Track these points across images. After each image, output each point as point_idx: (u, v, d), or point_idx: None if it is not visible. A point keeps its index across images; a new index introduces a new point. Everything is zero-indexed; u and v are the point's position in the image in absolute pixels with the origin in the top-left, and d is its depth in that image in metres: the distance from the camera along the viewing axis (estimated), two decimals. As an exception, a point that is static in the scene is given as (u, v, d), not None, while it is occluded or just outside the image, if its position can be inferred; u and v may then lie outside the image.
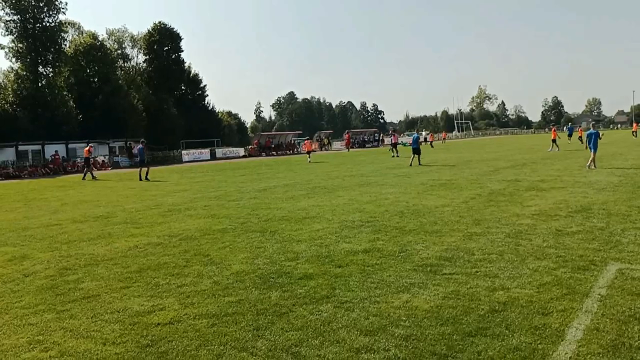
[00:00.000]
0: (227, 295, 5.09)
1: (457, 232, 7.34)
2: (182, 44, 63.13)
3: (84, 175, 25.97)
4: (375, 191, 13.27)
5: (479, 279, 5.05)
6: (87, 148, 27.39)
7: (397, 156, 32.38)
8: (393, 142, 37.07)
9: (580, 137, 44.36)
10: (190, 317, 4.55)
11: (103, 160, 40.73)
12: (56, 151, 38.18)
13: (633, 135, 47.72)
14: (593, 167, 16.76)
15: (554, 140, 31.02)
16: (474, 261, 5.74)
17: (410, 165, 22.70)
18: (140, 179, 22.37)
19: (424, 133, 70.11)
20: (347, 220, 8.97)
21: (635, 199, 9.66)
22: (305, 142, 39.57)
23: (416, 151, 23.82)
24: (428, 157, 29.69)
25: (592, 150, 17.31)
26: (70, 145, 41.04)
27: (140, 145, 24.40)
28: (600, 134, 19.09)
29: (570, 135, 42.70)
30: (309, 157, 33.99)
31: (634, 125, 53.19)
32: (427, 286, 4.94)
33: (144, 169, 23.14)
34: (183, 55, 63.49)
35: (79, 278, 6.13)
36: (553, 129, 34.16)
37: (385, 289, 4.95)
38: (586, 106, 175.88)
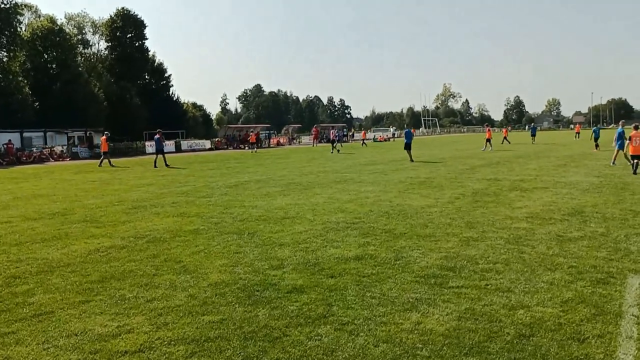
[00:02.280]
0: (207, 313, 4.39)
1: (452, 237, 6.84)
2: (147, 31, 60.90)
3: (100, 163, 27.23)
4: (353, 189, 12.71)
5: (492, 294, 4.53)
6: (103, 137, 27.92)
7: (338, 151, 33.33)
8: (331, 138, 37.09)
9: (578, 133, 45.82)
10: (164, 343, 3.83)
11: (61, 151, 38.67)
12: (9, 140, 35.95)
13: (576, 136, 48.09)
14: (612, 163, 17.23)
15: (488, 140, 31.51)
16: (480, 272, 5.23)
17: (412, 160, 22.25)
18: (155, 166, 24.19)
19: (391, 129, 70.49)
20: (330, 221, 8.36)
21: (624, 202, 9.44)
22: (252, 134, 44.52)
23: (408, 146, 23.38)
24: (389, 155, 29.45)
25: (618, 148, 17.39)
26: (25, 134, 38.76)
27: (157, 136, 26.34)
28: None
29: (533, 135, 42.25)
30: (255, 149, 40.42)
31: (577, 126, 55.07)
32: (436, 303, 4.38)
33: (160, 157, 25.08)
34: (147, 43, 61.30)
35: (30, 289, 5.28)
36: (488, 129, 34.85)
37: (389, 306, 4.36)
38: (546, 106, 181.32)
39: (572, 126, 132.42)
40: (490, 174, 15.54)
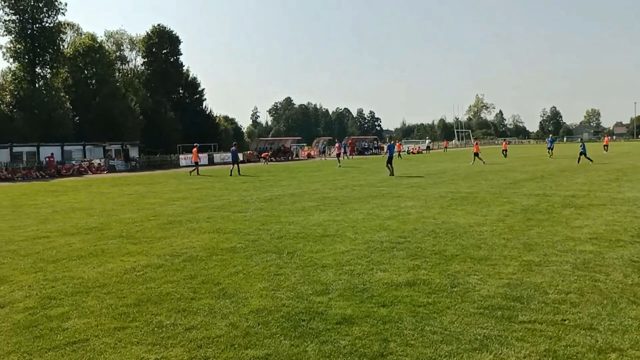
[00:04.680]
0: (250, 347, 4.01)
1: (511, 260, 6.28)
2: (181, 47, 62.17)
3: (191, 172, 29.16)
4: (392, 204, 12.21)
5: (573, 332, 3.98)
6: (195, 149, 30.75)
7: (340, 166, 32.50)
8: (337, 152, 36.03)
9: (606, 145, 43.75)
10: (205, 382, 3.46)
11: (99, 164, 39.49)
12: (52, 153, 36.96)
13: (604, 149, 43.70)
14: None
15: (476, 154, 30.82)
16: (551, 303, 4.67)
17: (391, 175, 22.07)
18: (231, 175, 26.46)
19: (427, 141, 69.71)
20: (373, 240, 7.90)
21: (694, 221, 8.65)
22: (267, 152, 48.03)
23: (389, 160, 23.18)
24: (424, 168, 28.74)
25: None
26: (65, 148, 39.83)
27: (233, 148, 29.67)
28: None
29: (550, 148, 38.00)
30: (267, 162, 42.67)
31: (606, 139, 48.63)
32: (509, 341, 3.86)
33: (235, 167, 27.61)
34: (181, 58, 62.57)
35: (65, 312, 5.03)
36: (475, 143, 34.17)
37: (454, 343, 3.87)
38: (585, 117, 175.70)
39: (613, 137, 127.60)
40: (537, 188, 14.75)
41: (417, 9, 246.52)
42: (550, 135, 52.20)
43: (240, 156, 51.84)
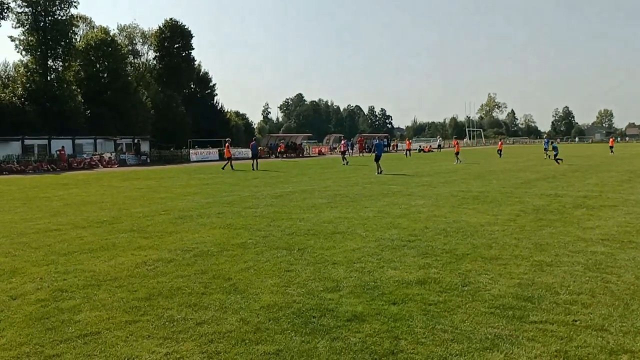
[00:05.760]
0: (261, 342, 4.02)
1: (522, 260, 6.24)
2: (193, 41, 62.26)
3: (224, 166, 29.28)
4: (403, 202, 12.18)
5: (584, 333, 3.96)
6: (227, 144, 31.57)
7: (347, 163, 32.35)
8: (342, 150, 35.92)
9: (612, 146, 43.52)
10: (216, 377, 3.49)
11: (110, 158, 39.80)
12: (62, 147, 37.29)
13: (610, 150, 43.33)
14: None
15: (457, 153, 31.50)
16: (563, 304, 4.64)
17: (379, 173, 22.24)
18: (253, 169, 27.53)
19: (438, 139, 69.49)
20: (383, 237, 7.89)
21: None
22: (281, 144, 49.24)
23: (377, 158, 23.41)
24: (435, 166, 28.61)
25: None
26: (77, 141, 40.13)
27: (253, 142, 31.23)
28: None
29: (546, 149, 36.92)
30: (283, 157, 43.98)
31: (611, 140, 48.86)
32: (520, 341, 3.85)
33: (255, 161, 28.70)
34: (193, 53, 62.69)
35: (76, 305, 5.08)
36: (456, 142, 35.04)
37: (465, 342, 3.86)
38: (597, 117, 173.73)
39: (621, 138, 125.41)
40: (549, 189, 14.64)
41: (429, 8, 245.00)
42: (545, 136, 52.27)
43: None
